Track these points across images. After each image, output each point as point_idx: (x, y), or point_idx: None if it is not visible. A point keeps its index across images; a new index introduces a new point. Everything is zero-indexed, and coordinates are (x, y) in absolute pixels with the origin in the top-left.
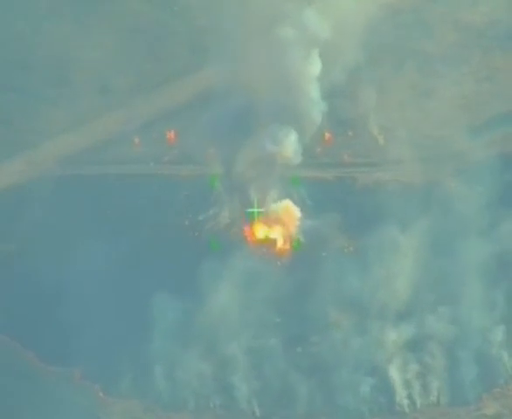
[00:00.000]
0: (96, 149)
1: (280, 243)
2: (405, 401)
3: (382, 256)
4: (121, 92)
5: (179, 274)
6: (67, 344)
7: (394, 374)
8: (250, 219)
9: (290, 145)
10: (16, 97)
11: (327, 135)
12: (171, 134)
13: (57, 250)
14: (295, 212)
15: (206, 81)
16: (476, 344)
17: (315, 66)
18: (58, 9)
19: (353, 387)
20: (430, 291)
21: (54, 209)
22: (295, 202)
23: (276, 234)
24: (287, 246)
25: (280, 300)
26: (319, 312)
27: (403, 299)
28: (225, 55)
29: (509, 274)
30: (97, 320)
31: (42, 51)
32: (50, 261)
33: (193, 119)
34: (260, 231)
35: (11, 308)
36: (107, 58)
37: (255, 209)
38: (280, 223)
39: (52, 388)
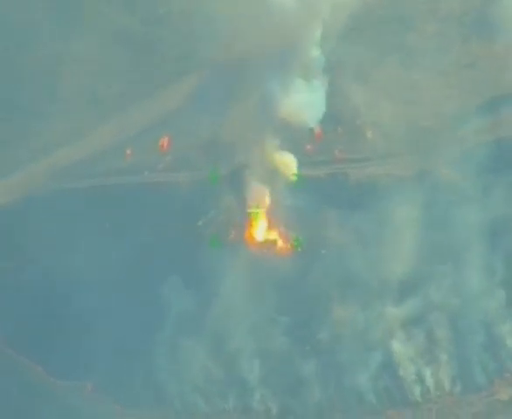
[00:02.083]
0: (91, 162)
1: (279, 244)
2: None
3: (380, 248)
4: (111, 103)
5: (184, 280)
6: (76, 357)
7: (404, 362)
8: (250, 219)
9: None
10: (7, 113)
11: (316, 132)
12: (164, 142)
13: (58, 263)
14: (292, 164)
15: (194, 86)
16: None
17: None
18: (45, 26)
19: (365, 379)
20: (430, 280)
21: (52, 222)
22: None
23: (276, 235)
24: (287, 246)
25: (284, 297)
26: (324, 307)
27: (404, 287)
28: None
29: (505, 257)
30: (104, 331)
31: (31, 68)
32: (52, 275)
33: (184, 125)
34: (260, 232)
35: (17, 324)
36: (95, 71)
37: (255, 209)
38: (276, 175)
39: (65, 402)
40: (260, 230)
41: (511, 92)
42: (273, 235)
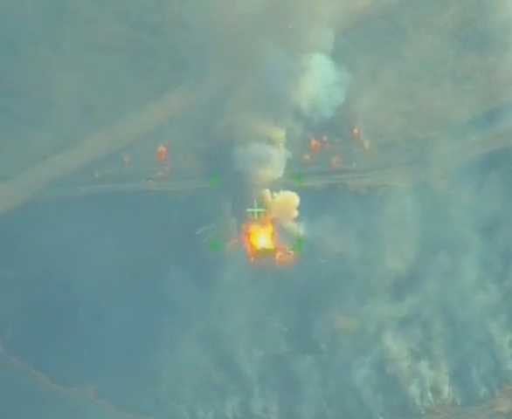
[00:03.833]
0: (86, 170)
1: (278, 254)
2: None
3: (380, 257)
4: (107, 110)
5: (182, 285)
6: (78, 363)
7: (405, 375)
8: (250, 223)
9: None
10: (3, 120)
11: (313, 143)
12: (162, 150)
13: (58, 270)
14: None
15: (189, 95)
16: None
17: None
18: (38, 33)
19: (366, 390)
20: (429, 288)
21: (49, 231)
22: None
23: (274, 244)
24: (287, 255)
25: (283, 308)
26: (324, 318)
27: (403, 296)
28: None
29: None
30: (105, 337)
31: (24, 77)
32: (52, 282)
33: (181, 133)
34: (259, 242)
35: (16, 330)
36: (88, 78)
37: (255, 209)
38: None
39: (68, 409)
40: (260, 239)
41: (506, 105)
42: (272, 244)
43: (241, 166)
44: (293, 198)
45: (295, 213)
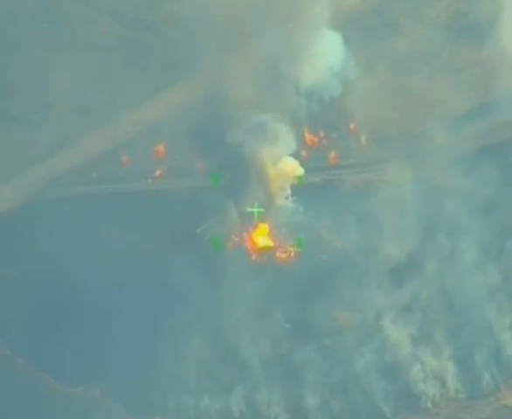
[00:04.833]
0: (84, 169)
1: (278, 252)
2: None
3: (379, 251)
4: (102, 110)
5: (185, 290)
6: (84, 363)
7: (409, 370)
8: (250, 222)
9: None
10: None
11: (310, 139)
12: (159, 149)
13: (61, 270)
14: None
15: (185, 93)
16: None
17: None
18: (32, 34)
19: (370, 381)
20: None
21: (49, 231)
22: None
23: (274, 242)
24: (287, 253)
25: (285, 305)
26: (325, 313)
27: (404, 290)
28: None
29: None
30: (111, 337)
31: (19, 78)
32: (55, 282)
33: (178, 131)
34: (260, 239)
35: (23, 332)
36: (84, 78)
37: (255, 209)
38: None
39: (74, 409)
40: (260, 237)
41: (501, 97)
42: (272, 242)
43: (239, 139)
44: (296, 166)
45: (288, 191)
